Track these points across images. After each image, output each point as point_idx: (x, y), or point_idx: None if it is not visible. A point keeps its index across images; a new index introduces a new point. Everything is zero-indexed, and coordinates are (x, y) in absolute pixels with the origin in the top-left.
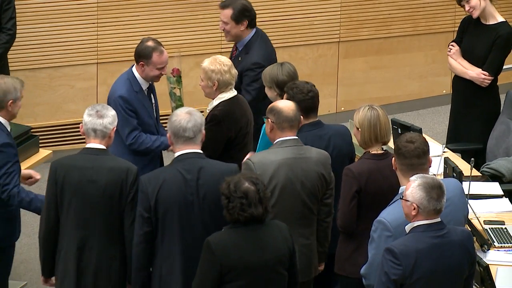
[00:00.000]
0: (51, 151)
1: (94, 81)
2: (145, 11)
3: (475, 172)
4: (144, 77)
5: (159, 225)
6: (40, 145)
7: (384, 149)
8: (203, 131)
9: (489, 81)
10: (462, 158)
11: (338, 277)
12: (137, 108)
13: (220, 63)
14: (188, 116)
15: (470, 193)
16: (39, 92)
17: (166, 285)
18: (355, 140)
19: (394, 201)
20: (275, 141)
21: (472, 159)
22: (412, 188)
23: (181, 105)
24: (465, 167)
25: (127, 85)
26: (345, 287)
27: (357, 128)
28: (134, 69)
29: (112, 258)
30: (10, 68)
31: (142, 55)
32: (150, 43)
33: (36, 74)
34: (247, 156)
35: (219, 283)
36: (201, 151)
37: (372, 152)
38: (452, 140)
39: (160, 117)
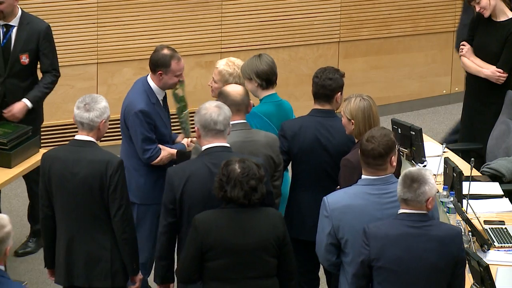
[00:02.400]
0: None
1: (94, 81)
2: (145, 11)
3: (475, 172)
4: (161, 86)
5: (184, 217)
6: (41, 145)
7: None
8: (230, 125)
9: (504, 78)
10: (462, 158)
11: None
12: (156, 121)
13: (238, 66)
14: (218, 110)
15: (470, 193)
16: None
17: None
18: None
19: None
20: None
21: (472, 159)
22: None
23: (185, 106)
24: (465, 167)
25: (145, 97)
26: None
27: (349, 119)
28: (149, 79)
29: (102, 248)
30: None
31: (160, 64)
32: (166, 51)
33: None
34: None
35: (200, 259)
36: (228, 145)
37: None
38: (468, 140)
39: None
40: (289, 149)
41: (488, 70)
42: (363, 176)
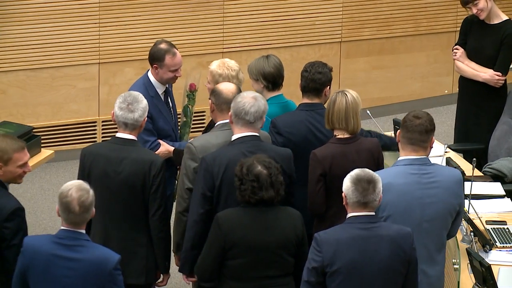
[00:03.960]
0: (53, 151)
1: (96, 81)
2: (147, 11)
3: (477, 172)
4: (159, 80)
5: (220, 205)
6: (42, 145)
7: (352, 133)
8: (264, 119)
9: (503, 81)
10: (464, 158)
11: None
12: (152, 114)
13: (228, 67)
14: (253, 101)
15: (472, 193)
16: (41, 92)
17: None
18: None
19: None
20: (216, 124)
21: (474, 159)
22: (345, 178)
23: (189, 123)
24: (467, 167)
25: (142, 90)
26: None
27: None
28: (149, 73)
29: (138, 245)
30: (12, 68)
31: (155, 58)
32: (163, 46)
33: (37, 74)
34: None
35: (222, 258)
36: (258, 135)
37: (338, 137)
38: (461, 141)
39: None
40: (283, 145)
41: (485, 74)
42: (401, 157)
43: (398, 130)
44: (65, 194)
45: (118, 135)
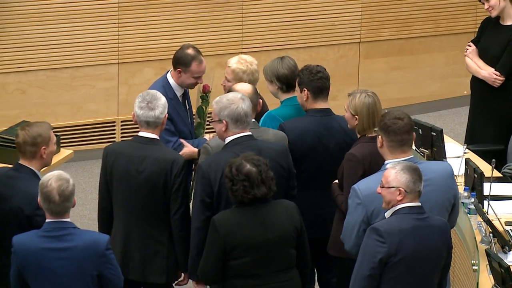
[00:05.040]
0: (72, 151)
1: (115, 81)
2: (166, 11)
3: (496, 173)
4: (179, 84)
5: (221, 210)
6: (61, 145)
7: (376, 130)
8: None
9: (501, 82)
10: (483, 159)
11: (336, 259)
12: (172, 115)
13: (249, 62)
14: (245, 101)
15: (491, 194)
16: (60, 92)
17: None
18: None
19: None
20: None
21: (493, 160)
22: (395, 173)
23: (203, 124)
24: (486, 168)
25: (161, 92)
26: (345, 269)
27: (353, 115)
28: (169, 76)
29: (159, 244)
30: (31, 68)
31: (181, 62)
32: (190, 51)
33: (57, 74)
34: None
35: (223, 260)
36: (251, 133)
37: (368, 135)
38: (469, 141)
39: None
40: (290, 151)
41: (485, 72)
42: (388, 161)
43: (379, 136)
44: (45, 185)
45: (141, 134)
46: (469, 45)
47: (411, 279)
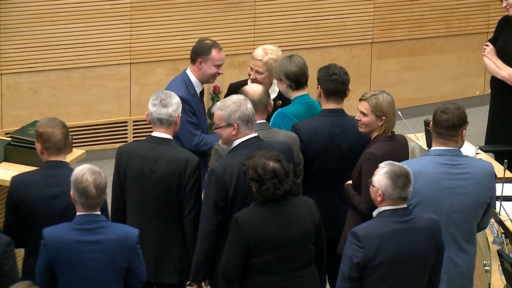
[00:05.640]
0: (84, 151)
1: (127, 81)
2: (179, 11)
3: (508, 174)
4: (200, 78)
5: (234, 213)
6: (73, 145)
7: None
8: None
9: None
10: (496, 159)
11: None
12: (195, 111)
13: (276, 49)
14: (245, 102)
15: (503, 194)
16: (72, 92)
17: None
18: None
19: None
20: None
21: (506, 160)
22: (379, 175)
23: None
24: (498, 169)
25: (184, 87)
26: None
27: (378, 116)
28: (188, 72)
29: (172, 245)
30: (44, 68)
31: (200, 52)
32: (207, 41)
33: (69, 74)
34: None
35: (246, 257)
36: (257, 134)
37: (385, 135)
38: (490, 141)
39: None
40: (303, 151)
41: (505, 72)
42: (433, 148)
43: (431, 121)
44: (81, 180)
45: (154, 134)
46: (486, 45)
47: (395, 280)
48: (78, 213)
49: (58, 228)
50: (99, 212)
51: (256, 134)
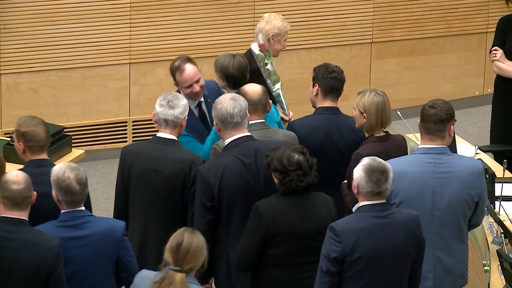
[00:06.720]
0: (83, 151)
1: (126, 81)
2: (178, 11)
3: (508, 174)
4: (186, 96)
5: (224, 214)
6: (73, 145)
7: (384, 130)
8: (248, 115)
9: None
10: (495, 159)
11: None
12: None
13: (280, 16)
14: (233, 102)
15: (502, 194)
16: (72, 92)
17: (235, 272)
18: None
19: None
20: None
21: (505, 160)
22: (357, 167)
23: (276, 79)
24: (498, 169)
25: None
26: None
27: (361, 113)
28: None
29: None
30: (43, 68)
31: (172, 75)
32: (176, 63)
33: (69, 74)
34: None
35: (262, 247)
36: (250, 134)
37: (376, 135)
38: (495, 140)
39: None
40: None
41: None
42: (420, 146)
43: (419, 119)
44: (63, 178)
45: (159, 134)
46: (495, 50)
47: (373, 275)
48: (62, 211)
49: (44, 228)
50: (83, 208)
51: (247, 133)
